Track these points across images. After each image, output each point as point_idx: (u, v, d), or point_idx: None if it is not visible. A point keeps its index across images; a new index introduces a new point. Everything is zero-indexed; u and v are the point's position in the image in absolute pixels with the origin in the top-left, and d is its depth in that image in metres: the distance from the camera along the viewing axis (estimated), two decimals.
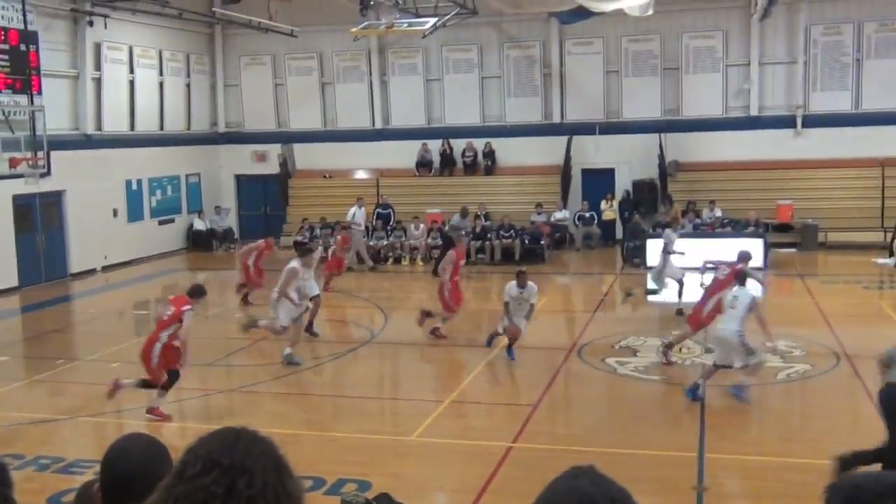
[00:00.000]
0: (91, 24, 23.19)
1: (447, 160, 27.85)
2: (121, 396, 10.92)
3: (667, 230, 17.12)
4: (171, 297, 11.39)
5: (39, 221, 22.11)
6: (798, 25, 25.48)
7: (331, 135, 28.76)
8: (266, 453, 1.84)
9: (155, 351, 10.62)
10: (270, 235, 20.28)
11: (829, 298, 15.44)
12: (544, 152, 26.81)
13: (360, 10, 20.93)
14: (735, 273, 11.70)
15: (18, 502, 3.18)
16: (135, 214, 25.51)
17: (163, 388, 10.74)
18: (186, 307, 10.77)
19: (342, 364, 13.90)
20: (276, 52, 28.86)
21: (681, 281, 16.10)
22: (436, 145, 27.92)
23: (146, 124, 26.12)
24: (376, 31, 23.20)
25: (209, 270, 25.41)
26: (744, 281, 11.35)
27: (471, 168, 27.75)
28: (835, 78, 25.50)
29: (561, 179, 26.61)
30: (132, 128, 25.57)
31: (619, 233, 25.46)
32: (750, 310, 10.86)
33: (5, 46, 20.48)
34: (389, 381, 13.12)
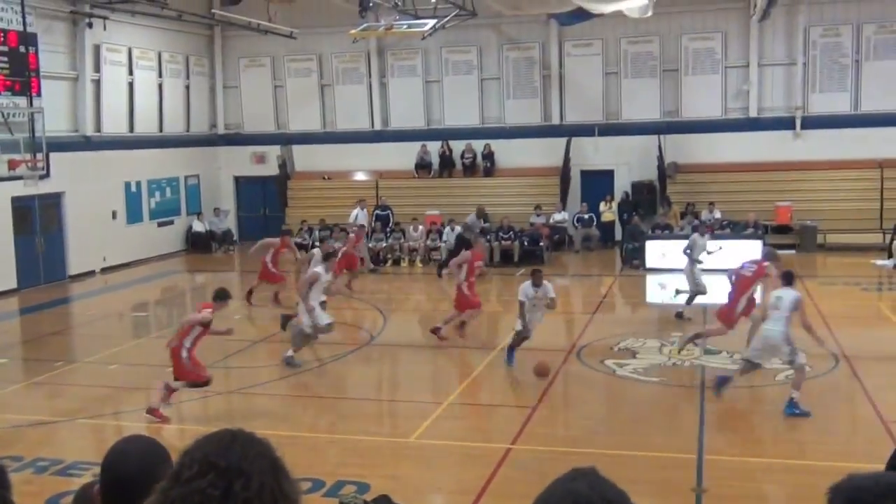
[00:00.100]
0: (90, 25, 23.19)
1: (446, 162, 27.85)
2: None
3: (694, 235, 16.70)
4: (199, 303, 11.42)
5: (38, 223, 22.10)
6: (797, 27, 25.49)
7: (330, 136, 28.76)
8: (263, 455, 1.84)
9: (185, 362, 10.75)
10: (286, 234, 20.34)
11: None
12: (543, 154, 26.81)
13: (360, 11, 20.91)
14: (783, 275, 11.33)
15: None
16: (134, 216, 25.51)
17: (169, 390, 10.81)
18: (206, 310, 10.93)
19: (341, 366, 13.90)
20: (276, 54, 28.85)
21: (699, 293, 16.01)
22: (435, 147, 27.92)
23: (145, 126, 26.12)
24: (375, 32, 23.21)
25: (208, 272, 25.41)
26: (791, 281, 11.11)
27: (470, 170, 27.75)
28: (834, 79, 25.51)
29: (560, 181, 26.60)
30: (131, 129, 25.57)
31: (618, 234, 25.47)
32: (794, 309, 10.69)
33: (4, 48, 20.47)
34: (388, 382, 13.11)
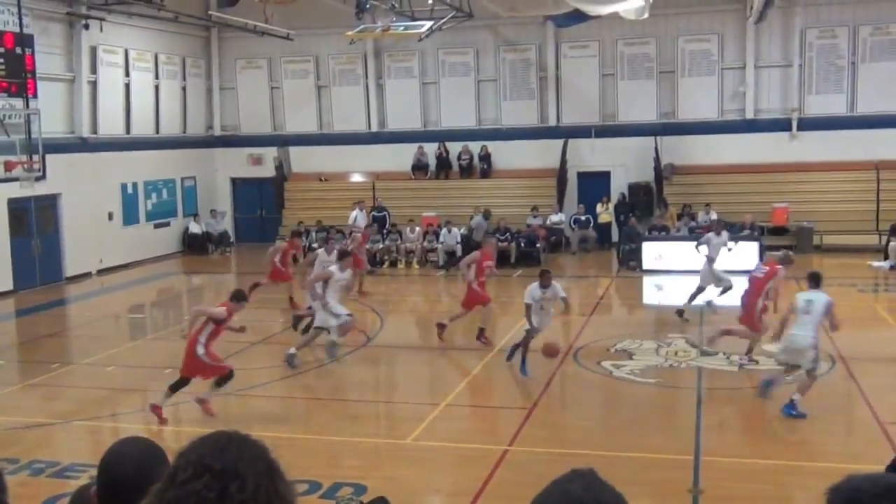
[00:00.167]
0: (87, 27, 23.16)
1: (443, 163, 27.85)
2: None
3: (709, 234, 16.63)
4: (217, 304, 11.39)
5: (35, 225, 22.06)
6: (793, 29, 25.53)
7: (326, 138, 28.75)
8: (258, 457, 1.83)
9: (203, 359, 10.72)
10: (296, 235, 20.36)
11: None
12: (540, 155, 26.82)
13: (356, 13, 20.89)
14: (810, 276, 10.87)
15: None
16: (130, 218, 25.49)
17: (171, 388, 10.84)
18: (221, 308, 10.94)
19: (339, 367, 13.89)
20: (272, 56, 28.84)
21: (702, 288, 15.96)
22: (432, 148, 27.92)
23: (142, 127, 26.11)
24: (372, 34, 23.19)
25: (204, 274, 25.41)
26: (819, 283, 10.67)
27: (467, 171, 27.75)
28: (830, 81, 25.55)
29: (557, 182, 26.62)
30: (128, 131, 25.55)
31: (615, 236, 25.49)
32: (826, 314, 10.29)
33: (1, 50, 20.46)
34: (385, 384, 13.10)
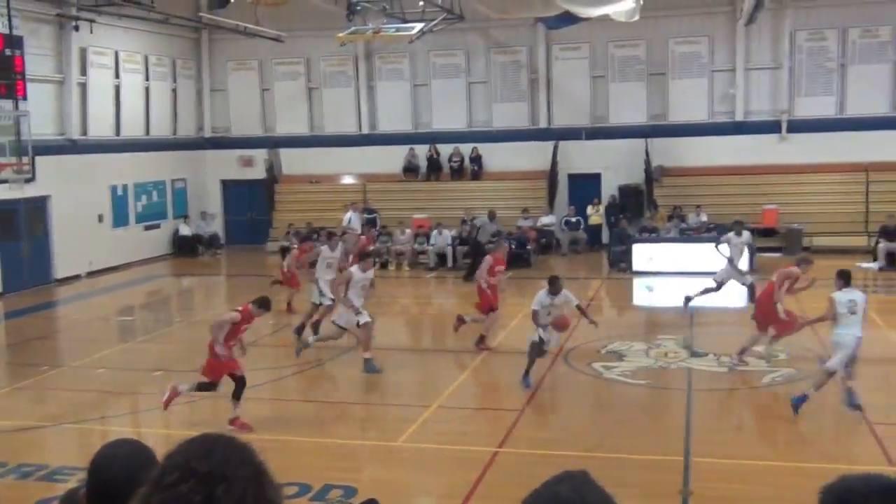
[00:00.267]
0: (77, 28, 23.07)
1: (434, 165, 27.86)
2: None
3: (729, 234, 16.53)
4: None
5: (24, 227, 21.97)
6: (783, 31, 25.61)
7: (317, 140, 28.71)
8: (245, 460, 1.81)
9: (221, 358, 10.63)
10: (306, 240, 20.26)
11: (814, 303, 15.39)
12: (531, 157, 26.85)
13: (347, 15, 20.88)
14: (840, 274, 10.62)
15: None
16: (120, 220, 25.40)
17: (234, 397, 10.71)
18: (234, 313, 10.76)
19: (329, 369, 13.87)
20: (263, 57, 28.81)
21: (721, 285, 15.96)
22: (423, 150, 27.93)
23: (132, 129, 26.03)
24: (363, 36, 23.19)
25: (195, 276, 25.36)
26: (850, 281, 10.44)
27: (458, 173, 27.76)
28: (819, 83, 25.64)
29: (547, 184, 26.66)
30: (118, 133, 25.48)
31: (605, 237, 25.53)
32: (866, 311, 10.16)
33: None
34: (376, 386, 13.05)
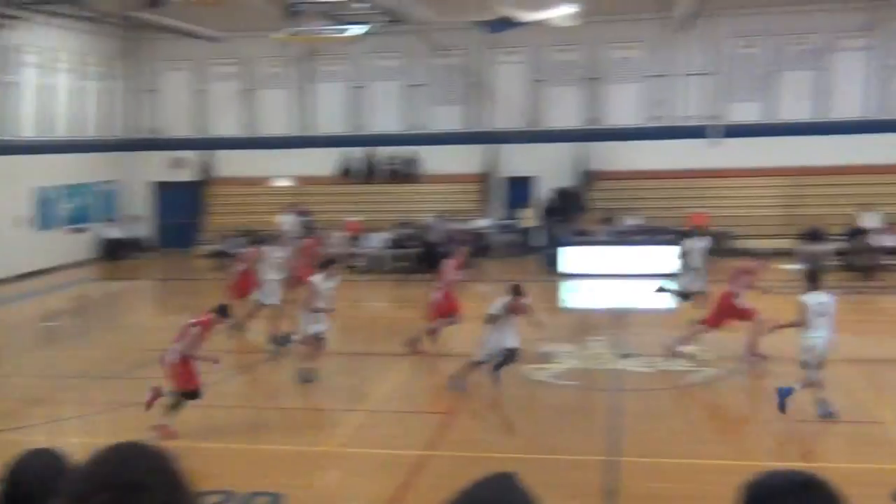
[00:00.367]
0: (5, 27, 22.47)
1: (371, 168, 27.76)
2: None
3: (685, 240, 16.67)
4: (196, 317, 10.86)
5: None
6: (715, 38, 26.11)
7: (253, 142, 28.40)
8: (162, 469, 1.77)
9: (173, 359, 10.44)
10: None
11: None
12: (467, 160, 26.90)
13: (285, 16, 20.71)
14: (810, 275, 10.71)
15: None
16: (46, 222, 24.71)
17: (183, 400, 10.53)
18: (197, 322, 10.51)
19: (257, 375, 13.68)
20: (198, 58, 28.39)
21: (695, 293, 15.91)
22: (360, 153, 27.83)
23: (62, 130, 25.41)
24: (301, 37, 23.01)
25: (122, 280, 24.83)
26: (818, 283, 10.47)
27: (395, 176, 27.71)
28: (749, 89, 26.20)
29: (484, 187, 26.75)
30: (47, 133, 24.84)
31: (539, 240, 25.68)
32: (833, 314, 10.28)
33: None
34: (305, 391, 12.89)
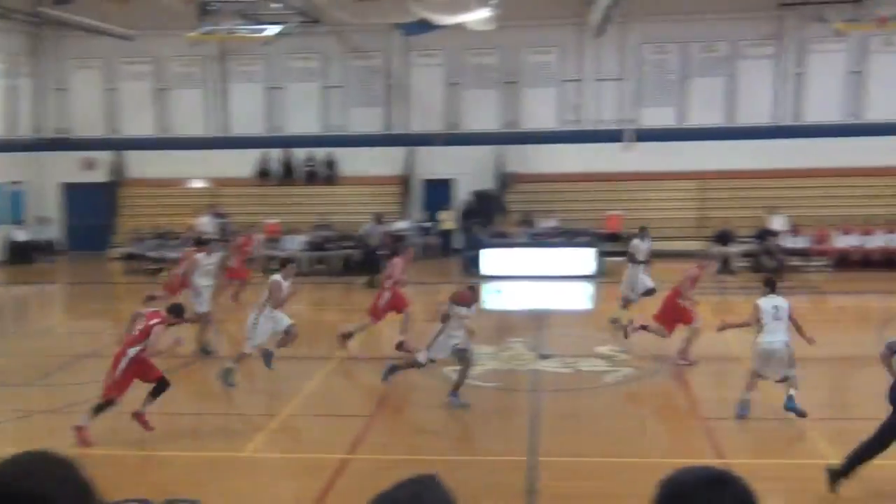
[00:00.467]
0: None
1: (288, 170, 27.51)
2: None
3: (634, 241, 16.74)
4: (147, 311, 10.54)
5: None
6: (629, 44, 26.70)
7: (166, 142, 27.85)
8: (68, 479, 1.71)
9: (121, 364, 10.11)
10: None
11: (653, 304, 16.10)
12: (386, 162, 26.91)
13: (198, 14, 20.35)
14: (767, 281, 10.92)
15: None
16: None
17: (152, 395, 10.32)
18: (155, 320, 10.26)
19: (174, 380, 13.37)
20: (109, 56, 27.74)
21: (652, 290, 16.15)
22: (277, 154, 27.53)
23: None
24: (215, 36, 22.66)
25: (31, 285, 24.03)
26: (775, 288, 10.75)
27: (312, 178, 27.51)
28: (661, 94, 26.88)
29: (402, 190, 26.77)
30: None
31: (458, 243, 25.82)
32: (790, 317, 10.53)
33: None
34: (222, 396, 12.70)
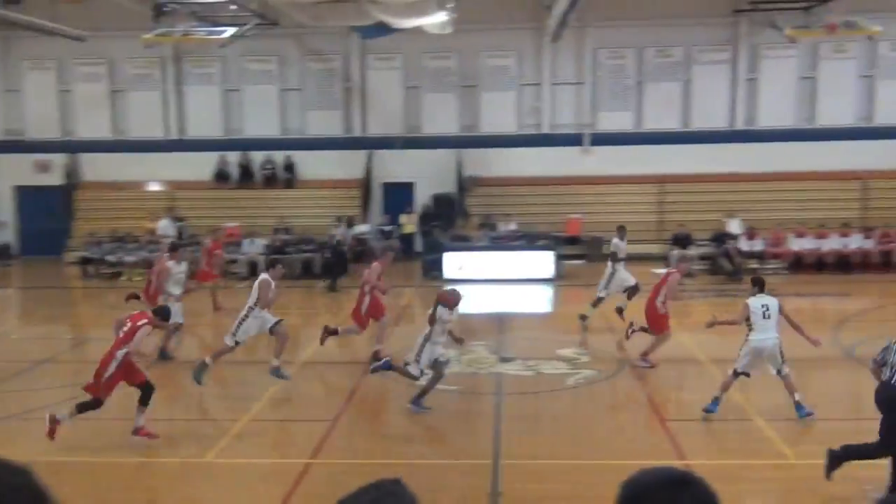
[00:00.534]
0: None
1: (246, 173, 27.30)
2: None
3: (614, 240, 16.62)
4: (132, 313, 10.37)
5: None
6: (585, 49, 26.94)
7: (122, 145, 27.51)
8: (21, 486, 1.69)
9: (110, 368, 9.91)
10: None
11: (614, 307, 16.30)
12: (345, 166, 26.85)
13: (154, 16, 20.14)
14: (756, 280, 11.05)
15: None
16: None
17: (141, 403, 10.12)
18: (143, 321, 10.10)
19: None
20: (63, 57, 27.35)
21: (635, 287, 16.14)
22: (234, 157, 27.33)
23: None
24: (171, 38, 22.44)
25: None
26: (764, 287, 10.90)
27: (271, 181, 27.34)
28: (618, 99, 27.16)
29: (362, 193, 26.72)
30: None
31: (418, 246, 25.85)
32: (779, 314, 10.69)
33: None
34: (181, 401, 12.57)
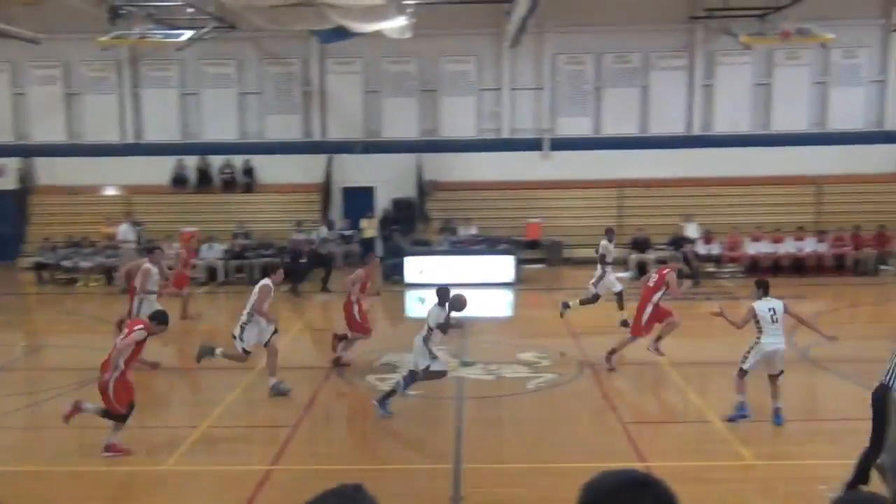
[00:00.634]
0: None
1: (204, 177, 27.06)
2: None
3: (603, 242, 16.40)
4: (130, 321, 10.27)
5: None
6: (544, 54, 27.12)
7: (77, 149, 27.13)
8: None
9: (111, 383, 9.82)
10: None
11: (573, 311, 16.41)
12: (305, 170, 26.72)
13: (110, 18, 19.89)
14: (760, 283, 10.92)
15: None
16: None
17: (117, 420, 9.98)
18: (138, 327, 10.01)
19: (86, 393, 13.03)
20: (16, 59, 26.95)
21: (620, 293, 16.10)
22: (192, 161, 27.07)
23: None
24: (127, 41, 22.17)
25: None
26: (768, 290, 10.79)
27: (229, 185, 27.13)
28: (577, 104, 27.38)
29: (322, 197, 26.61)
30: None
31: (379, 250, 25.78)
32: (800, 318, 10.72)
33: None
34: (140, 408, 12.43)
